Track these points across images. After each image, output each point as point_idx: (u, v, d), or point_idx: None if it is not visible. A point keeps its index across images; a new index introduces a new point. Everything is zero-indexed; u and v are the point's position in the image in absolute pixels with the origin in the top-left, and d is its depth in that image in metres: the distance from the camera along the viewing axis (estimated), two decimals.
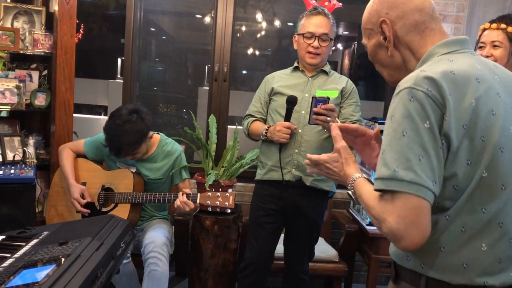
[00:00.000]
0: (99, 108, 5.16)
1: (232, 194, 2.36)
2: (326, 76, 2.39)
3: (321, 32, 2.28)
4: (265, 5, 4.68)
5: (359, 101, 2.41)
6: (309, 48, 2.30)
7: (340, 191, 3.38)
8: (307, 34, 2.30)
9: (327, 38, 2.30)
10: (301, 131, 2.30)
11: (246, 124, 2.44)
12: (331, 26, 2.32)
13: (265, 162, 2.40)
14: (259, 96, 2.46)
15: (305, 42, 2.31)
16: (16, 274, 1.24)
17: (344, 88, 2.36)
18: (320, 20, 2.30)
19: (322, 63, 2.37)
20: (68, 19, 2.73)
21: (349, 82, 2.41)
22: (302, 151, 2.28)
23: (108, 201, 2.56)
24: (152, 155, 2.63)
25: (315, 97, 2.11)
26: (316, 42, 2.29)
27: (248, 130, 2.42)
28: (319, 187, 2.34)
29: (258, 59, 5.26)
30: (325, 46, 2.31)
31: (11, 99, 2.69)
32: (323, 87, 2.34)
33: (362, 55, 5.53)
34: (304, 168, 2.29)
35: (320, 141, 2.30)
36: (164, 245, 2.42)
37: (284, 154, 2.30)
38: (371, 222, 2.80)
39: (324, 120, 2.09)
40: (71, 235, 1.47)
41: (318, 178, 2.32)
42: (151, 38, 5.14)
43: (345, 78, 2.43)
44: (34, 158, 2.70)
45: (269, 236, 2.42)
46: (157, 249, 2.38)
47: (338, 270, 2.84)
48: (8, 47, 2.72)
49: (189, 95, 4.91)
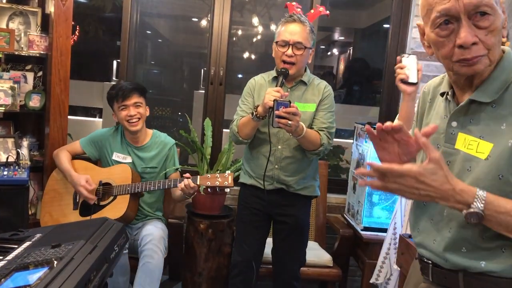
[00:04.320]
0: (94, 110, 5.14)
1: (231, 174, 2.38)
2: (304, 86, 2.34)
3: (295, 40, 2.22)
4: (262, 9, 4.69)
5: (333, 107, 2.36)
6: (283, 56, 2.24)
7: (334, 196, 3.38)
8: (281, 42, 2.24)
9: (302, 46, 2.22)
10: (281, 147, 2.30)
11: (235, 124, 2.36)
12: (308, 34, 2.25)
13: (248, 171, 2.41)
14: (245, 99, 2.41)
15: (279, 50, 2.25)
16: (8, 277, 1.22)
17: (320, 98, 2.33)
18: (295, 28, 2.23)
19: (298, 72, 2.31)
20: (64, 20, 2.72)
21: (326, 89, 2.36)
22: (282, 167, 2.30)
23: (106, 195, 2.58)
24: (146, 144, 2.72)
25: (277, 100, 2.06)
26: (290, 51, 2.22)
27: (238, 127, 2.32)
28: (301, 193, 2.36)
29: (254, 63, 5.27)
30: (300, 54, 2.23)
31: (5, 100, 2.68)
32: (301, 98, 2.32)
33: (358, 60, 5.55)
34: (285, 181, 2.32)
35: (298, 156, 2.31)
36: (161, 238, 2.47)
37: (263, 168, 2.29)
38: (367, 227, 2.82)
39: (285, 123, 2.05)
40: (64, 237, 1.46)
41: (298, 188, 2.34)
42: (147, 41, 5.14)
43: (323, 85, 2.37)
44: (27, 160, 2.68)
45: (256, 234, 2.43)
46: (154, 241, 2.44)
47: (332, 275, 2.84)
48: (3, 48, 2.70)
49: (185, 98, 4.91)
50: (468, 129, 1.17)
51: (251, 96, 2.39)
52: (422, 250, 1.28)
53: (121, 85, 2.65)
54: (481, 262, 1.13)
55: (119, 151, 2.70)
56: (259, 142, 2.34)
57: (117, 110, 2.63)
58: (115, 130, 2.76)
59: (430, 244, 1.24)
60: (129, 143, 2.71)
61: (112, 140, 2.72)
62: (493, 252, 1.12)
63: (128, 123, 2.60)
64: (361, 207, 2.87)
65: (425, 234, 1.27)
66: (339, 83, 5.76)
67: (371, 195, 2.84)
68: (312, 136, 2.22)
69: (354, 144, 3.15)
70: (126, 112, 2.60)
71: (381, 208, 2.86)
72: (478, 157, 1.12)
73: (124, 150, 2.70)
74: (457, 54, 1.10)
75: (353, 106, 4.96)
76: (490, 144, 1.11)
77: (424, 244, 1.27)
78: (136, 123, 2.61)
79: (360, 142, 3.01)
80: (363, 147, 2.94)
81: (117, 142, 2.72)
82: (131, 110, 2.60)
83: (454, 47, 1.10)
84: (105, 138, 2.73)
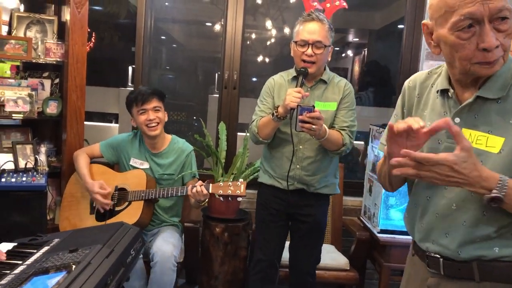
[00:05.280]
0: (110, 116, 5.19)
1: (243, 183, 2.37)
2: (324, 85, 2.34)
3: (314, 39, 2.21)
4: (275, 13, 4.69)
5: (354, 105, 2.36)
6: (303, 56, 2.24)
7: (350, 198, 3.36)
8: (300, 42, 2.24)
9: (321, 45, 2.23)
10: (302, 147, 2.30)
11: (254, 124, 2.35)
12: (326, 32, 2.25)
13: (268, 171, 2.41)
14: (264, 99, 2.41)
15: (298, 50, 2.25)
16: (27, 281, 1.24)
17: (341, 96, 2.33)
18: (314, 26, 2.23)
19: (318, 71, 2.30)
20: (80, 28, 2.76)
21: (346, 87, 2.35)
22: (304, 166, 2.30)
23: (121, 200, 2.59)
24: (164, 150, 2.72)
25: (300, 105, 2.08)
26: (309, 50, 2.22)
27: (258, 127, 2.32)
28: (321, 192, 2.36)
29: (268, 66, 5.27)
30: (320, 53, 2.23)
31: (24, 107, 2.72)
32: (322, 97, 2.32)
33: (372, 62, 5.51)
34: (306, 180, 2.32)
35: (320, 156, 2.31)
36: (172, 256, 2.43)
37: (285, 168, 2.30)
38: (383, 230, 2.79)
39: (309, 128, 2.06)
40: (82, 242, 1.48)
41: (319, 187, 2.34)
42: (162, 46, 5.18)
43: (343, 83, 2.36)
44: (45, 165, 2.73)
45: (275, 234, 2.44)
46: (163, 261, 2.40)
47: (349, 278, 2.81)
48: (21, 56, 2.75)
49: (200, 103, 4.93)
50: (473, 124, 1.20)
51: (270, 96, 2.38)
52: (428, 245, 1.28)
53: (140, 90, 2.68)
54: (494, 249, 1.17)
55: (137, 157, 2.71)
56: (280, 142, 2.34)
57: (136, 115, 2.64)
58: (133, 135, 2.77)
59: (440, 238, 1.25)
60: (147, 149, 2.72)
61: (131, 146, 2.74)
62: (505, 237, 1.17)
63: (147, 128, 2.61)
64: (377, 209, 2.84)
65: (431, 229, 1.27)
66: (353, 84, 5.72)
67: (387, 198, 2.82)
68: (334, 137, 2.22)
69: (369, 146, 3.13)
70: (145, 117, 2.61)
71: (397, 210, 2.83)
72: (489, 151, 1.16)
73: (141, 156, 2.71)
74: (478, 56, 1.12)
75: (367, 108, 4.92)
76: (502, 138, 1.15)
77: (431, 238, 1.27)
78: (155, 128, 2.62)
79: (376, 144, 2.98)
80: (378, 149, 2.91)
81: (135, 147, 2.73)
82: (150, 114, 2.61)
83: (476, 50, 1.12)
84: (123, 143, 2.75)
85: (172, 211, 2.78)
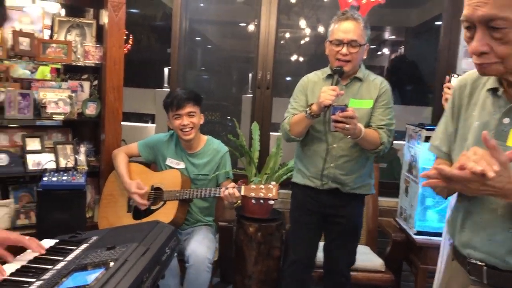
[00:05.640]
0: (147, 116, 5.30)
1: (275, 186, 2.34)
2: (360, 83, 2.31)
3: (349, 38, 2.19)
4: (309, 12, 4.67)
5: (391, 103, 2.32)
6: (338, 55, 2.23)
7: (386, 199, 3.31)
8: (335, 41, 2.22)
9: (357, 44, 2.20)
10: (336, 145, 2.27)
11: (286, 122, 2.35)
12: (362, 30, 2.22)
13: (302, 170, 2.39)
14: (297, 97, 2.40)
15: (333, 49, 2.24)
16: (68, 277, 1.29)
17: (377, 94, 2.30)
18: (349, 25, 2.21)
19: (353, 69, 2.28)
20: (117, 31, 2.83)
21: (382, 84, 2.32)
22: (338, 165, 2.27)
23: (157, 199, 2.64)
24: (200, 151, 2.74)
25: (333, 105, 2.06)
26: (344, 49, 2.21)
27: (290, 125, 2.31)
28: (356, 192, 2.33)
29: (302, 65, 5.25)
30: (355, 52, 2.21)
31: (64, 109, 2.81)
32: (357, 96, 2.29)
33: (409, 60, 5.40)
34: (340, 179, 2.29)
35: (355, 155, 2.28)
36: (206, 259, 2.45)
37: (319, 167, 2.29)
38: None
39: (342, 127, 2.04)
40: (119, 240, 1.51)
41: (354, 187, 2.31)
42: (197, 47, 5.24)
43: (379, 80, 2.33)
44: (85, 165, 2.81)
45: (309, 235, 2.42)
46: (198, 263, 2.43)
47: (385, 280, 2.77)
48: (62, 59, 2.85)
49: (233, 103, 4.96)
50: None
51: (304, 94, 2.37)
52: (469, 251, 1.24)
53: (176, 94, 2.69)
54: None
55: (173, 157, 2.75)
56: (314, 140, 2.32)
57: (171, 118, 2.68)
58: (170, 136, 2.81)
59: (483, 244, 1.20)
60: (183, 150, 2.75)
61: (167, 146, 2.78)
62: None
63: (182, 132, 2.64)
64: (413, 210, 2.79)
65: (474, 233, 1.23)
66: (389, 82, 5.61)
67: (424, 199, 2.76)
68: (371, 136, 2.19)
69: (406, 145, 3.07)
70: (179, 122, 2.63)
71: (435, 211, 2.76)
72: None
73: (178, 156, 2.75)
74: (473, 57, 1.13)
75: (404, 107, 4.83)
76: None
77: (473, 244, 1.23)
78: (189, 132, 2.64)
79: (412, 144, 2.92)
80: (415, 149, 2.85)
81: (171, 148, 2.77)
82: (185, 119, 2.63)
83: None
84: (160, 143, 2.80)
85: (207, 211, 2.80)
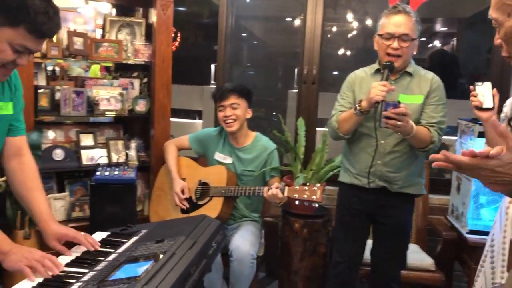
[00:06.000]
0: (194, 112, 5.39)
1: (320, 188, 2.30)
2: (410, 77, 2.24)
3: (400, 32, 2.13)
4: (356, 5, 4.58)
5: (444, 100, 2.23)
6: (388, 49, 2.17)
7: (437, 196, 3.20)
8: (386, 35, 2.16)
9: (408, 38, 2.14)
10: (384, 142, 2.22)
11: (334, 119, 2.30)
12: (413, 24, 2.16)
13: (348, 169, 2.35)
14: (344, 94, 2.35)
15: (384, 43, 2.18)
16: (119, 268, 1.34)
17: (428, 89, 2.22)
18: (400, 19, 2.15)
19: (404, 64, 2.22)
20: (165, 29, 2.89)
21: (434, 80, 2.23)
22: (386, 162, 2.22)
23: (204, 195, 2.69)
24: (247, 146, 2.77)
25: (385, 101, 2.01)
26: (395, 43, 2.14)
27: (338, 122, 2.27)
28: (405, 192, 2.26)
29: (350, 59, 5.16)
30: (406, 46, 2.15)
31: (116, 106, 2.91)
32: (406, 91, 2.22)
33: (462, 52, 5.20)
34: (388, 177, 2.23)
35: (404, 151, 2.22)
36: (248, 254, 2.46)
37: (366, 164, 2.24)
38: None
39: (394, 124, 1.99)
40: (167, 233, 1.55)
41: (403, 185, 2.24)
42: (243, 43, 5.27)
43: (430, 75, 2.25)
44: (135, 160, 2.91)
45: (354, 236, 2.38)
46: (241, 258, 2.45)
47: (435, 280, 2.69)
48: (113, 57, 2.95)
49: (279, 98, 4.95)
50: None
51: (351, 90, 2.33)
52: None
53: (222, 86, 2.77)
54: None
55: (221, 151, 2.79)
56: (361, 136, 2.28)
57: (217, 110, 2.74)
58: (220, 130, 2.84)
59: None
60: (231, 144, 2.78)
61: (216, 140, 2.83)
62: None
63: (225, 123, 2.69)
64: (466, 208, 2.68)
65: None
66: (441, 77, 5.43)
67: (477, 196, 2.65)
68: (421, 134, 2.13)
69: (458, 141, 2.96)
70: (223, 113, 2.68)
71: (489, 210, 2.65)
72: None
73: (225, 150, 2.78)
74: None
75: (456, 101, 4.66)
76: None
77: None
78: (231, 124, 2.67)
79: (465, 140, 2.81)
80: (468, 145, 2.74)
81: (220, 142, 2.81)
82: (228, 111, 2.67)
83: None
84: (210, 138, 2.85)
85: (253, 206, 2.82)
